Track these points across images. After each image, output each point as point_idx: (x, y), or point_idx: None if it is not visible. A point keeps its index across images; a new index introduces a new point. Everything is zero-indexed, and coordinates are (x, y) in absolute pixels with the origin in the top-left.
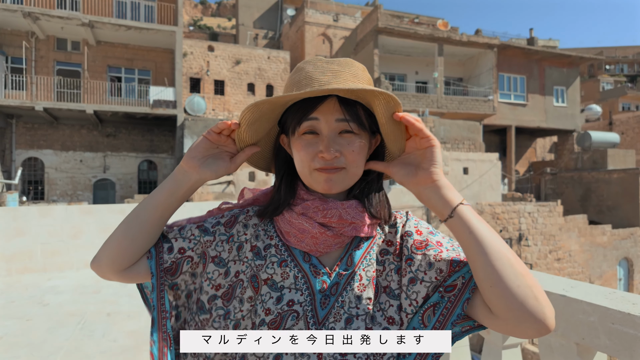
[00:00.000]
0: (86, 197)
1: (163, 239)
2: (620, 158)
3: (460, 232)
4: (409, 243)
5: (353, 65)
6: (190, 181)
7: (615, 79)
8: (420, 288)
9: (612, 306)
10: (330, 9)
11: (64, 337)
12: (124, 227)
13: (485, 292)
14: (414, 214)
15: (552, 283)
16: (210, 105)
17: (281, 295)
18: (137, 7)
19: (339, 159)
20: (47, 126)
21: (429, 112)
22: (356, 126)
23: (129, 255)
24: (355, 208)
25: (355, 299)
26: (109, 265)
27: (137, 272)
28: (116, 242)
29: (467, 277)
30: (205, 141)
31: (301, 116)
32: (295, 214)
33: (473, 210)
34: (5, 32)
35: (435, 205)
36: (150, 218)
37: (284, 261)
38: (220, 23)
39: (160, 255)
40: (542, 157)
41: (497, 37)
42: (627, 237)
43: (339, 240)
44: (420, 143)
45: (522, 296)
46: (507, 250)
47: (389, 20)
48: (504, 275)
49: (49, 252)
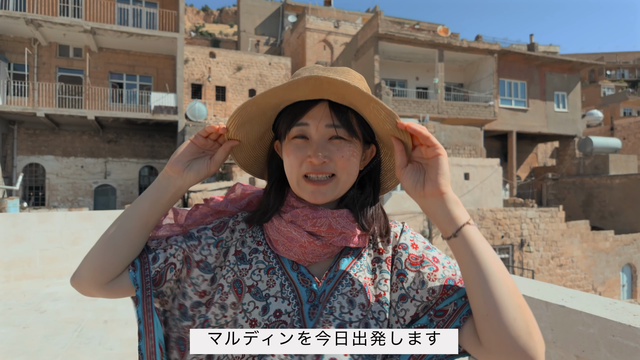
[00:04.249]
0: (87, 202)
1: (147, 250)
2: (622, 163)
3: (462, 253)
4: (404, 257)
5: (350, 73)
6: (175, 187)
7: (616, 85)
8: (410, 306)
9: (613, 318)
10: (331, 16)
11: (60, 345)
12: (107, 238)
13: (479, 321)
14: (415, 220)
15: (551, 292)
16: (212, 111)
17: (267, 305)
18: (139, 14)
19: (328, 164)
20: (48, 132)
21: (429, 118)
22: (346, 132)
23: (113, 268)
24: (345, 217)
25: (348, 304)
26: (91, 280)
27: (120, 286)
28: (98, 254)
29: (460, 304)
30: (192, 146)
31: (291, 120)
32: (284, 221)
33: (478, 231)
34: (8, 38)
35: (440, 220)
36: (135, 227)
37: (272, 268)
38: (222, 29)
39: (145, 266)
40: (543, 162)
41: (498, 42)
42: (630, 243)
43: (328, 251)
44: (427, 152)
45: (517, 330)
46: (509, 279)
47: (390, 27)
48: (502, 306)
49: (47, 258)
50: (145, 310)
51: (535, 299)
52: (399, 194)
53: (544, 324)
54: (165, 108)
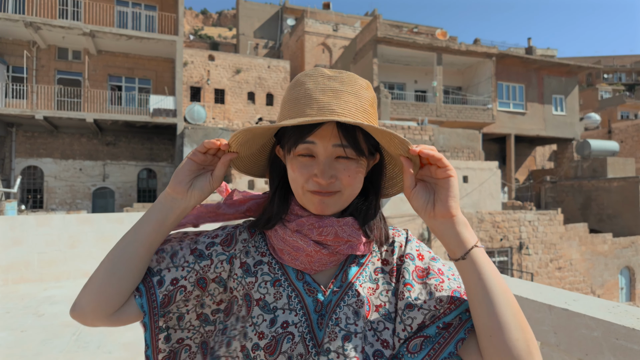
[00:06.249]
0: (85, 205)
1: (149, 272)
2: (620, 166)
3: (469, 275)
4: (411, 267)
5: (356, 83)
6: (180, 208)
7: (614, 88)
8: (417, 315)
9: (617, 321)
10: (330, 19)
11: (58, 349)
12: (109, 265)
13: (483, 340)
14: (414, 222)
15: (554, 295)
16: (211, 114)
17: (275, 317)
18: (138, 17)
19: (334, 183)
20: (47, 135)
21: (428, 121)
22: (353, 152)
23: (118, 297)
24: (351, 226)
25: (354, 315)
26: (96, 311)
27: (127, 315)
28: (101, 282)
29: (465, 317)
30: (191, 163)
31: (298, 138)
32: (289, 230)
33: (485, 252)
34: (7, 41)
35: (449, 242)
36: (139, 252)
37: (278, 280)
38: (221, 33)
39: (150, 291)
40: (541, 165)
41: (496, 46)
42: (628, 246)
43: (335, 259)
44: (437, 173)
45: (519, 350)
46: (512, 299)
47: (388, 30)
48: (506, 328)
49: (45, 261)
50: (153, 336)
51: (538, 302)
52: (397, 197)
53: (547, 327)
54: (164, 111)
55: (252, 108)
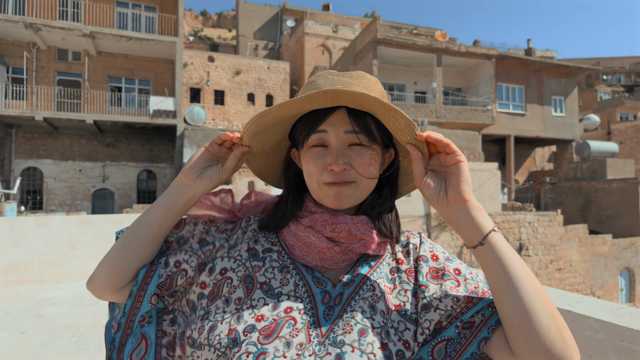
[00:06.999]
0: (85, 206)
1: (160, 255)
2: (620, 167)
3: (489, 262)
4: (425, 270)
5: (365, 78)
6: (188, 194)
7: (613, 89)
8: (434, 316)
9: (621, 323)
10: (330, 20)
11: (58, 351)
12: (121, 244)
13: (511, 331)
14: (414, 224)
15: (557, 297)
16: (210, 115)
17: (278, 302)
18: (138, 18)
19: (349, 172)
20: (46, 136)
21: (427, 122)
22: (366, 138)
23: (127, 273)
24: (365, 224)
25: (370, 309)
26: (106, 284)
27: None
28: (113, 259)
29: (487, 314)
30: (206, 153)
31: (309, 128)
32: (302, 226)
33: (504, 238)
34: (7, 42)
35: (465, 229)
36: (148, 234)
37: (285, 267)
38: (220, 34)
39: (152, 267)
40: (541, 166)
41: (495, 47)
42: (628, 247)
43: (347, 257)
44: (446, 160)
45: (551, 338)
46: (539, 286)
47: (388, 31)
48: (535, 314)
49: (45, 262)
50: (132, 307)
51: None
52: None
53: None
54: (164, 112)
55: (252, 109)
